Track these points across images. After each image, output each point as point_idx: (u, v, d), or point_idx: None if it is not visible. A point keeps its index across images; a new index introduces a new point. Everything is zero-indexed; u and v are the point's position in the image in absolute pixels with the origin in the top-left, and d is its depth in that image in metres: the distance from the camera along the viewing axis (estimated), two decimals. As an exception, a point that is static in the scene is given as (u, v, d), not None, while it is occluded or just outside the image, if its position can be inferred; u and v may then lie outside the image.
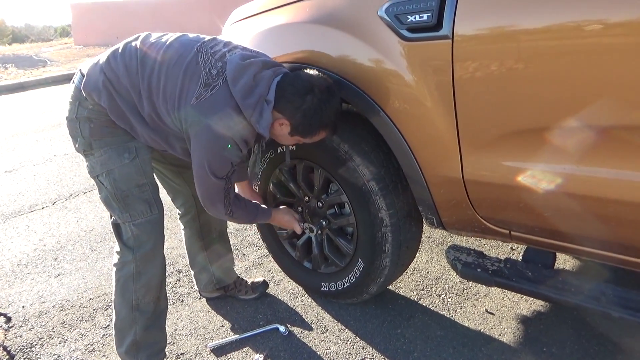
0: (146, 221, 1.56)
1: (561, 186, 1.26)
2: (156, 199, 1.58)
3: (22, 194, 3.54)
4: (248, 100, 1.37)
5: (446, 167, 1.46)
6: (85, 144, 1.48)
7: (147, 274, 1.59)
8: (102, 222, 2.98)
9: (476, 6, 1.27)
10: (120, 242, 1.59)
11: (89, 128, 1.46)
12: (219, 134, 1.37)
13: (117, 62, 1.43)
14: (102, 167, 1.49)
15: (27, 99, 8.03)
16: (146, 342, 1.64)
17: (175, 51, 1.43)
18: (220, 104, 1.37)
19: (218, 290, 2.08)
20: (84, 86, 1.44)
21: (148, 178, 1.56)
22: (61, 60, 13.20)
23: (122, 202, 1.52)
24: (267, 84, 1.41)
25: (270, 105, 1.41)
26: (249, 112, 1.38)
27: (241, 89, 1.37)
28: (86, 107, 1.46)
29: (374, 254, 1.72)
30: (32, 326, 2.01)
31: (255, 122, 1.40)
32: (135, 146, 1.51)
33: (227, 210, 1.54)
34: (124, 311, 1.61)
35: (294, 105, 1.41)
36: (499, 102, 1.29)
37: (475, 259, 1.56)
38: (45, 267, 2.49)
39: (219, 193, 1.49)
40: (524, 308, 1.93)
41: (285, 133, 1.49)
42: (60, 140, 5.00)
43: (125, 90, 1.42)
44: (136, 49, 1.45)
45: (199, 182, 1.48)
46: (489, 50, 1.26)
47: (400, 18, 1.39)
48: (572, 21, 1.13)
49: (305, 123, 1.44)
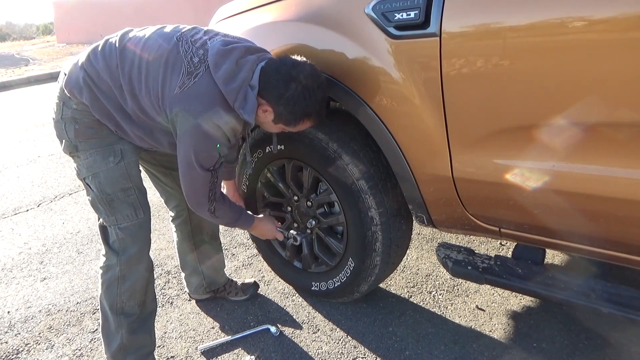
0: (131, 225, 1.53)
1: (550, 183, 1.26)
2: (142, 203, 1.56)
3: (6, 197, 3.47)
4: (231, 86, 1.33)
5: (435, 165, 1.45)
6: (71, 147, 1.46)
7: (132, 278, 1.56)
8: (89, 224, 2.94)
9: (463, 4, 1.26)
10: (106, 245, 1.57)
11: (74, 129, 1.44)
12: (204, 122, 1.33)
13: (97, 58, 1.41)
14: (88, 170, 1.47)
15: (10, 98, 7.89)
16: (133, 346, 1.62)
17: (154, 42, 1.40)
18: (203, 92, 1.33)
19: (208, 293, 2.06)
20: (66, 84, 1.42)
21: (134, 182, 1.53)
22: (44, 59, 12.99)
23: (107, 206, 1.50)
24: (250, 68, 1.37)
25: (255, 90, 1.37)
26: (231, 98, 1.34)
27: (223, 75, 1.33)
28: (70, 106, 1.43)
29: (364, 252, 1.71)
30: (17, 332, 1.98)
31: (239, 108, 1.35)
32: (121, 148, 1.49)
33: (210, 206, 1.50)
34: (110, 315, 1.59)
35: (278, 93, 1.37)
36: (488, 100, 1.29)
37: (465, 256, 1.56)
38: (30, 271, 2.44)
39: (204, 186, 1.45)
40: (514, 304, 1.94)
41: (269, 120, 1.45)
42: (44, 141, 4.91)
43: (106, 85, 1.40)
44: (116, 44, 1.42)
45: (185, 174, 1.44)
46: (477, 48, 1.26)
47: (388, 16, 1.38)
48: (559, 18, 1.13)
49: (288, 111, 1.39)
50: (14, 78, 9.42)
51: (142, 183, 1.59)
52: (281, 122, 1.44)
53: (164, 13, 14.58)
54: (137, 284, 1.58)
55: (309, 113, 1.42)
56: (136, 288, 1.58)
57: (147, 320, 1.65)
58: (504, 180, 1.33)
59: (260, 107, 1.40)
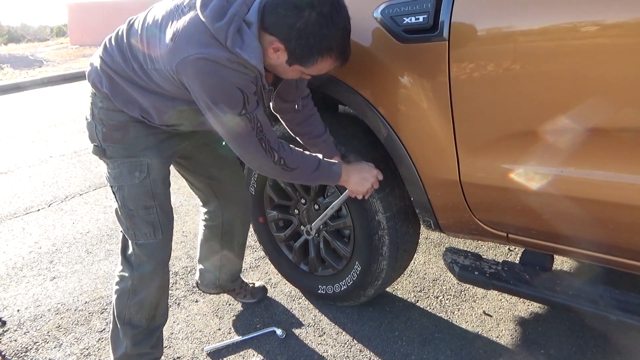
0: (148, 244, 1.50)
1: (558, 189, 1.25)
2: (163, 223, 1.50)
3: (18, 196, 3.52)
4: (219, 23, 1.13)
5: (443, 169, 1.45)
6: (100, 150, 1.42)
7: (142, 294, 1.54)
8: (98, 225, 2.97)
9: (472, 8, 1.26)
10: (123, 256, 1.55)
11: (101, 132, 1.40)
12: (204, 65, 1.16)
13: (112, 44, 1.38)
14: (115, 181, 1.45)
15: (23, 99, 8.00)
16: (136, 354, 1.61)
17: (151, 13, 1.32)
18: (193, 34, 1.16)
19: (218, 291, 2.05)
20: (88, 76, 1.41)
21: (157, 200, 1.47)
22: (57, 60, 13.16)
23: (128, 220, 1.47)
24: (244, 2, 1.17)
25: (252, 27, 1.16)
26: (222, 36, 1.14)
27: (210, 12, 1.14)
28: (97, 105, 1.40)
29: (371, 256, 1.71)
30: (27, 330, 2.00)
31: (233, 47, 1.14)
32: (148, 163, 1.43)
33: (272, 157, 1.31)
34: (118, 322, 1.59)
35: (287, 23, 1.15)
36: (496, 104, 1.29)
37: (472, 261, 1.55)
38: (40, 270, 2.47)
39: (249, 136, 1.27)
40: (521, 310, 1.93)
41: (283, 62, 1.23)
42: (56, 142, 4.97)
43: (120, 68, 1.34)
44: (124, 27, 1.38)
45: (222, 131, 1.28)
46: (486, 52, 1.26)
47: (396, 19, 1.38)
48: (570, 22, 1.12)
49: (302, 46, 1.17)
50: (28, 79, 9.54)
51: (168, 202, 1.53)
52: (296, 62, 1.23)
53: (175, 16, 14.69)
54: (147, 300, 1.55)
55: (329, 47, 1.20)
56: (145, 303, 1.55)
57: (153, 332, 1.63)
58: (511, 185, 1.32)
59: (270, 46, 1.19)
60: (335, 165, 1.46)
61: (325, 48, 1.20)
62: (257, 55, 1.17)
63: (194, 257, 2.49)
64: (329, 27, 1.16)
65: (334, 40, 1.19)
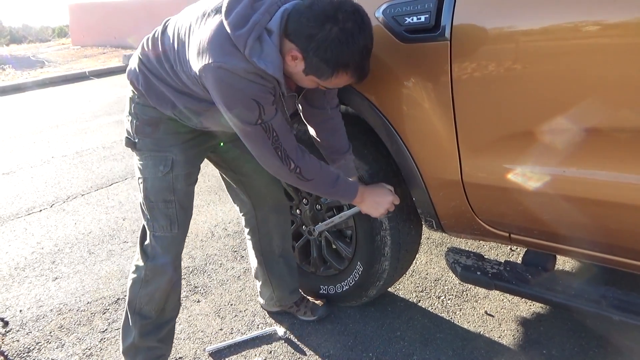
0: (164, 236, 1.54)
1: (560, 189, 1.25)
2: (180, 218, 1.53)
3: (20, 197, 3.52)
4: (239, 31, 1.14)
5: (445, 169, 1.45)
6: (130, 142, 1.49)
7: (154, 285, 1.56)
8: (100, 225, 2.97)
9: (474, 8, 1.26)
10: (140, 245, 1.59)
11: (135, 125, 1.47)
12: (222, 74, 1.17)
13: (149, 43, 1.42)
14: (140, 172, 1.51)
15: (25, 100, 8.01)
16: (143, 347, 1.63)
17: (184, 15, 1.35)
18: (215, 42, 1.17)
19: (279, 307, 1.98)
20: (127, 75, 1.46)
21: (177, 196, 1.50)
22: (59, 61, 13.17)
23: (149, 211, 1.52)
24: (267, 10, 1.17)
25: (273, 36, 1.16)
26: (241, 44, 1.14)
27: (233, 19, 1.15)
28: (134, 100, 1.46)
29: (373, 257, 1.71)
30: (29, 330, 2.00)
31: (251, 56, 1.14)
32: (173, 158, 1.47)
33: (288, 166, 1.32)
34: (129, 311, 1.62)
35: (308, 34, 1.14)
36: (498, 104, 1.29)
37: (474, 261, 1.55)
38: (42, 271, 2.47)
39: (264, 144, 1.28)
40: (523, 310, 1.92)
41: (300, 70, 1.22)
42: (58, 142, 4.98)
43: (155, 68, 1.39)
44: (159, 31, 1.43)
45: (240, 136, 1.31)
46: (487, 52, 1.26)
47: (398, 19, 1.38)
48: (571, 22, 1.12)
49: (320, 58, 1.16)
50: (29, 80, 9.56)
51: (188, 199, 1.56)
52: (312, 73, 1.22)
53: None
54: (157, 292, 1.57)
55: (345, 63, 1.18)
56: (155, 296, 1.57)
57: (162, 326, 1.63)
58: (513, 185, 1.32)
59: (289, 53, 1.19)
60: (352, 185, 1.48)
61: (341, 64, 1.19)
62: (275, 64, 1.17)
63: (196, 257, 2.50)
64: (348, 43, 1.15)
65: (352, 57, 1.18)
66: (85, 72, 10.59)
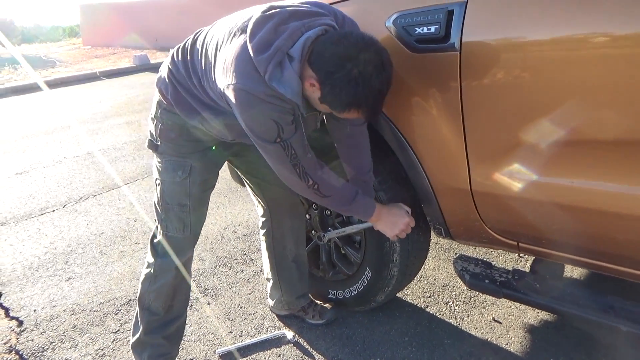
0: (176, 237, 1.59)
1: (569, 199, 1.26)
2: (193, 222, 1.59)
3: (33, 197, 3.58)
4: (261, 56, 1.17)
5: (454, 178, 1.46)
6: (153, 144, 1.54)
7: (161, 282, 1.62)
8: (112, 226, 3.01)
9: (483, 19, 1.27)
10: (152, 243, 1.64)
11: (159, 128, 1.51)
12: (243, 95, 1.21)
13: (178, 55, 1.46)
14: (159, 174, 1.56)
15: (37, 100, 8.11)
16: (149, 344, 1.67)
17: (213, 30, 1.38)
18: (238, 63, 1.20)
19: (287, 310, 2.01)
20: (157, 83, 1.50)
21: (191, 201, 1.56)
22: (70, 61, 13.30)
23: (163, 212, 1.58)
24: (290, 36, 1.19)
25: (294, 62, 1.18)
26: (262, 69, 1.17)
27: (256, 43, 1.18)
28: (162, 106, 1.50)
29: (381, 263, 1.73)
30: (43, 330, 2.04)
31: (270, 80, 1.17)
32: (191, 164, 1.52)
33: (306, 182, 1.35)
34: (139, 306, 1.67)
35: (327, 70, 1.17)
36: (506, 114, 1.30)
37: (483, 269, 1.57)
38: (56, 271, 2.52)
39: (283, 161, 1.31)
40: (531, 317, 1.93)
41: (316, 97, 1.25)
42: (69, 143, 5.04)
43: (184, 80, 1.43)
44: (190, 40, 1.46)
45: (260, 151, 1.34)
46: (496, 62, 1.27)
47: (408, 29, 1.40)
48: (580, 33, 1.14)
49: (334, 95, 1.20)
50: (40, 80, 9.66)
51: (202, 204, 1.61)
52: (326, 104, 1.26)
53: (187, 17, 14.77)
54: (164, 289, 1.62)
55: (357, 104, 1.21)
56: (163, 292, 1.62)
57: (169, 323, 1.67)
58: (522, 194, 1.33)
59: (307, 80, 1.22)
60: (369, 204, 1.49)
61: (354, 105, 1.22)
62: (294, 89, 1.19)
63: (206, 259, 2.53)
64: (364, 87, 1.17)
65: (365, 100, 1.20)
66: (96, 72, 10.68)
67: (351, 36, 1.18)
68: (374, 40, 1.20)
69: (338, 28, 1.28)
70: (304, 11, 1.25)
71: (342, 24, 1.32)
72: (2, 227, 3.09)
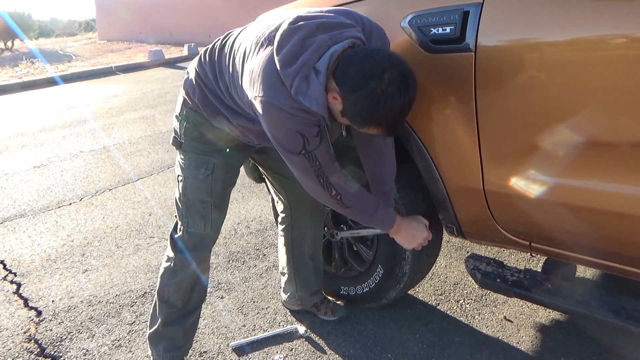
0: (197, 234, 1.61)
1: (582, 201, 1.26)
2: (214, 219, 1.61)
3: (51, 190, 3.65)
4: (288, 69, 1.18)
5: (467, 177, 1.47)
6: (177, 142, 1.56)
7: (181, 276, 1.64)
8: (127, 220, 3.07)
9: (499, 20, 1.28)
10: (172, 237, 1.67)
11: (184, 127, 1.53)
12: (270, 107, 1.22)
13: (206, 58, 1.47)
14: (181, 171, 1.58)
15: (54, 94, 8.23)
16: (166, 336, 1.70)
17: (242, 36, 1.39)
18: (264, 75, 1.21)
19: (299, 306, 2.04)
20: (184, 85, 1.52)
21: (213, 198, 1.58)
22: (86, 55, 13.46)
23: (185, 208, 1.60)
24: (317, 49, 1.19)
25: (320, 76, 1.19)
26: (288, 82, 1.18)
27: (283, 56, 1.19)
28: (187, 106, 1.52)
29: (393, 261, 1.74)
30: (61, 320, 2.09)
31: (296, 94, 1.18)
32: (214, 162, 1.54)
33: (330, 192, 1.37)
34: (157, 299, 1.70)
35: (351, 86, 1.18)
36: (521, 114, 1.30)
37: (494, 268, 1.57)
38: (73, 263, 2.57)
39: (306, 171, 1.34)
40: (542, 316, 1.94)
41: (338, 110, 1.25)
42: (86, 137, 5.12)
43: (211, 84, 1.45)
44: (217, 44, 1.47)
45: (285, 160, 1.37)
46: (512, 63, 1.28)
47: (424, 30, 1.41)
48: (598, 34, 1.14)
49: (355, 111, 1.21)
50: (57, 74, 9.80)
51: (223, 201, 1.63)
52: (347, 117, 1.26)
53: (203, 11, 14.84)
54: (184, 283, 1.65)
55: (377, 122, 1.22)
56: (182, 286, 1.65)
57: (186, 316, 1.70)
58: (535, 195, 1.34)
59: (331, 93, 1.22)
60: (390, 216, 1.50)
61: (374, 122, 1.22)
62: (320, 102, 1.20)
63: (219, 254, 2.56)
64: (385, 106, 1.17)
65: (385, 118, 1.21)
66: (112, 67, 10.81)
67: (378, 54, 1.18)
68: (400, 60, 1.19)
69: (365, 38, 1.29)
70: (332, 23, 1.25)
71: (369, 32, 1.32)
72: (21, 219, 3.17)
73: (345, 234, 1.87)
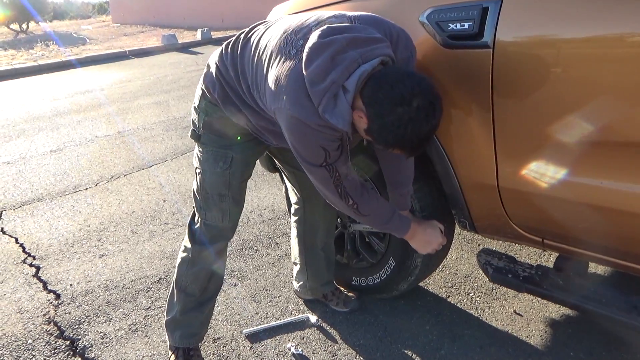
0: (214, 226, 1.63)
1: (596, 200, 1.27)
2: (232, 212, 1.63)
3: (67, 174, 3.71)
4: (317, 87, 1.16)
5: (481, 173, 1.48)
6: (195, 135, 1.57)
7: (199, 266, 1.68)
8: (142, 206, 3.12)
9: (518, 17, 1.27)
10: (190, 228, 1.69)
11: (203, 120, 1.54)
12: (295, 121, 1.22)
13: (227, 54, 1.46)
14: (200, 164, 1.60)
15: (69, 78, 8.29)
16: (183, 323, 1.74)
17: (268, 35, 1.36)
18: (291, 89, 1.20)
19: (311, 296, 2.07)
20: (204, 79, 1.52)
21: (231, 191, 1.59)
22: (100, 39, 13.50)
23: (203, 201, 1.62)
24: (347, 68, 1.17)
25: (348, 95, 1.18)
26: (316, 100, 1.18)
27: (312, 73, 1.17)
28: (207, 99, 1.53)
29: (405, 253, 1.76)
30: (79, 304, 2.15)
31: (323, 112, 1.18)
32: (232, 156, 1.55)
33: (346, 202, 1.39)
34: (175, 288, 1.74)
35: (379, 110, 1.17)
36: (537, 112, 1.30)
37: (506, 264, 1.59)
38: (90, 247, 2.63)
39: (326, 182, 1.35)
40: (552, 311, 1.95)
41: (362, 127, 1.24)
42: (101, 122, 5.17)
43: (232, 82, 1.44)
44: (240, 41, 1.46)
45: (305, 171, 1.38)
46: (530, 60, 1.28)
47: (442, 25, 1.41)
48: (616, 32, 1.13)
49: (380, 134, 1.21)
50: (72, 58, 9.87)
51: (241, 194, 1.65)
52: (370, 137, 1.25)
53: (214, -3, 14.76)
54: (202, 272, 1.69)
55: (402, 146, 1.22)
56: (200, 276, 1.69)
57: (204, 304, 1.74)
58: (549, 192, 1.34)
59: (357, 111, 1.21)
60: (405, 223, 1.51)
61: (398, 145, 1.22)
62: (346, 120, 1.19)
63: (232, 241, 2.60)
64: (412, 133, 1.16)
65: (410, 143, 1.20)
66: (125, 51, 10.85)
67: (408, 79, 1.16)
68: (430, 86, 1.18)
69: (392, 49, 1.27)
70: (362, 38, 1.21)
71: (396, 43, 1.30)
72: (39, 202, 3.23)
73: (358, 226, 1.90)
